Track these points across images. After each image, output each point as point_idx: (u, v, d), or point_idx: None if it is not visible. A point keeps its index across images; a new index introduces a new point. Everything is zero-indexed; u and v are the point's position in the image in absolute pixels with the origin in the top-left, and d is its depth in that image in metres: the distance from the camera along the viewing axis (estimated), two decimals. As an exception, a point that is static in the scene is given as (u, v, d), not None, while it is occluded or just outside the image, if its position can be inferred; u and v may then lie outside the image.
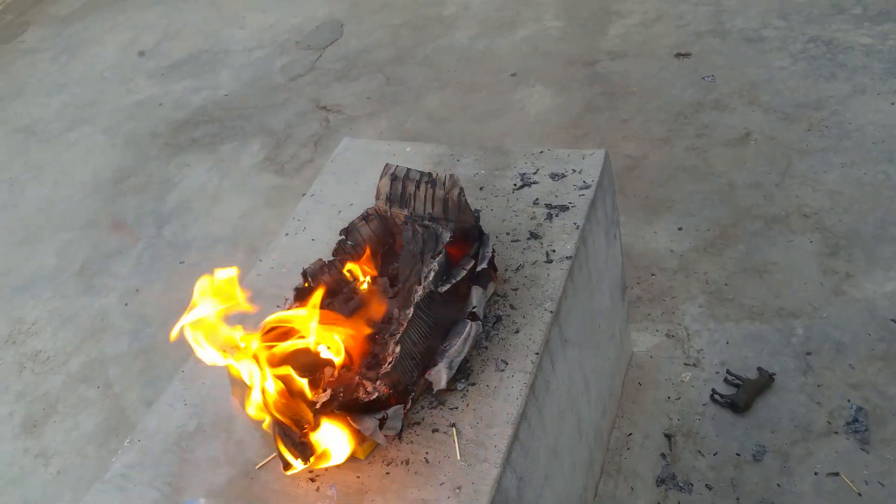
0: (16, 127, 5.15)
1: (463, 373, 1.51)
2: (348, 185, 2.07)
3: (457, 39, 4.54)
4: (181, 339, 1.47)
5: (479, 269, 1.52)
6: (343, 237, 1.70)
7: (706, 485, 2.11)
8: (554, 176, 1.85)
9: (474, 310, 1.50)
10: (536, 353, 1.50)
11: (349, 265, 1.63)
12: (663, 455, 2.20)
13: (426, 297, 1.43)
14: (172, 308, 3.30)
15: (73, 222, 4.11)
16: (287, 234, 2.02)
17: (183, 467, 1.54)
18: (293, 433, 1.42)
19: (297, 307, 1.64)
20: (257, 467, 1.50)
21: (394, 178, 1.62)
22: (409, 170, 1.61)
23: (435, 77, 4.28)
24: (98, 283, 3.66)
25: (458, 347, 1.48)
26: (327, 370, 1.53)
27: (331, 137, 4.07)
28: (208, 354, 1.42)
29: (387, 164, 1.65)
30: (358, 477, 1.42)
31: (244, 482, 1.48)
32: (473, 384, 1.49)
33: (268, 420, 1.42)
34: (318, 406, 1.35)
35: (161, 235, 3.84)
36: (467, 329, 1.49)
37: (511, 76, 4.07)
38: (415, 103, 4.13)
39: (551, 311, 1.57)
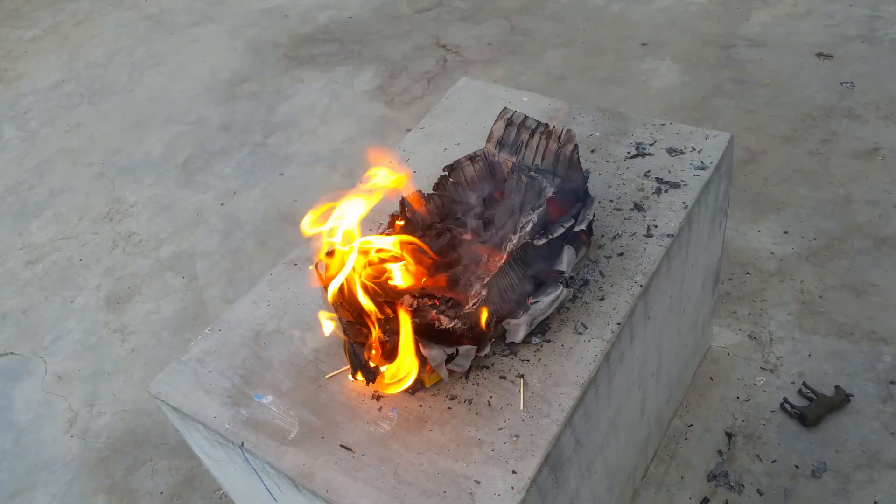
0: (145, 14, 5.33)
1: (540, 328, 1.50)
2: (459, 124, 2.06)
3: (590, -2, 4.42)
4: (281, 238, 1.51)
5: (576, 229, 1.49)
6: (446, 173, 1.70)
7: (758, 489, 2.06)
8: (671, 151, 1.79)
9: (564, 269, 1.48)
10: (618, 324, 1.47)
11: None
12: (720, 452, 2.16)
13: (520, 247, 1.42)
14: (265, 216, 3.44)
15: (184, 116, 4.25)
16: (390, 163, 2.03)
17: (256, 363, 1.60)
18: (361, 352, 1.45)
19: (389, 234, 1.66)
20: (326, 377, 1.54)
21: (509, 122, 1.60)
22: (526, 117, 1.59)
23: (561, 33, 4.18)
24: (199, 179, 3.79)
25: (543, 307, 1.47)
26: (406, 298, 1.55)
27: (445, 77, 4.05)
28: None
29: (504, 108, 1.62)
30: (420, 405, 1.44)
31: (311, 388, 1.53)
32: (549, 341, 1.48)
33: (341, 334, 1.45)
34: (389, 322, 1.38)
35: (266, 144, 3.93)
36: (558, 292, 1.47)
37: (641, 45, 3.94)
38: (535, 56, 4.05)
39: (641, 286, 1.53)
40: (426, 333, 1.43)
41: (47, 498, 2.50)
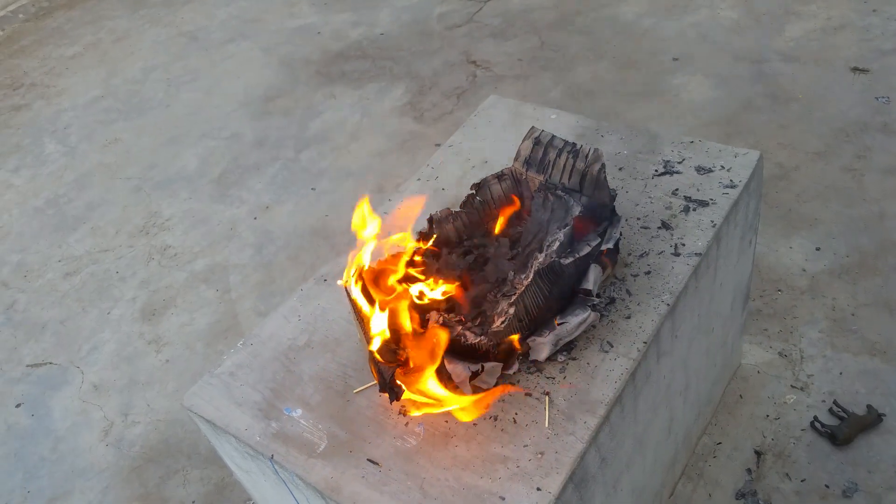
0: (181, 31, 5.46)
1: (566, 346, 1.51)
2: (487, 142, 2.08)
3: (622, 13, 4.42)
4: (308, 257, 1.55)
5: (603, 247, 1.50)
6: (474, 191, 1.72)
7: (788, 511, 2.04)
8: (700, 169, 1.79)
9: (591, 288, 1.49)
10: (644, 342, 1.48)
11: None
12: (749, 470, 2.14)
13: (547, 266, 1.43)
14: (297, 230, 3.50)
15: (219, 131, 4.34)
16: (419, 180, 2.06)
17: (286, 377, 1.63)
18: (386, 371, 1.47)
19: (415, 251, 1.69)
20: (355, 391, 1.56)
21: (537, 142, 1.62)
22: (553, 136, 1.60)
23: (591, 48, 4.20)
24: (233, 194, 3.86)
25: (570, 328, 1.47)
26: (433, 314, 1.57)
27: (474, 93, 4.08)
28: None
29: (532, 128, 1.64)
30: (446, 422, 1.46)
31: (340, 403, 1.55)
32: (574, 359, 1.49)
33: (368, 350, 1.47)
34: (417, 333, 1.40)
35: (298, 159, 3.99)
36: (586, 315, 1.47)
37: (673, 60, 3.93)
38: (565, 72, 4.07)
39: (668, 304, 1.54)
40: (452, 350, 1.45)
41: (83, 505, 2.56)
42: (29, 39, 5.84)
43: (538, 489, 1.30)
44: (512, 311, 1.42)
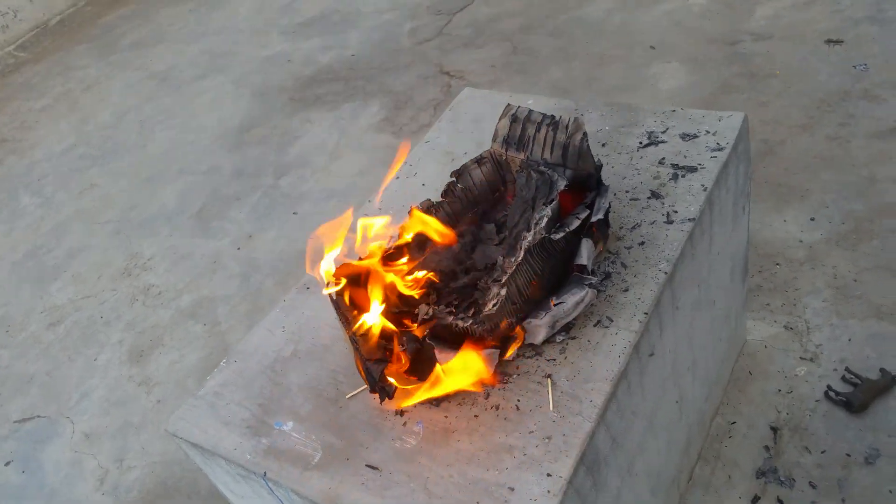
0: (152, 73, 5.41)
1: (564, 326, 1.43)
2: (465, 134, 2.02)
3: (591, 12, 4.40)
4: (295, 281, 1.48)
5: (593, 220, 1.43)
6: (454, 179, 1.66)
7: (810, 482, 1.95)
8: (685, 136, 1.73)
9: (585, 263, 1.42)
10: (645, 314, 1.40)
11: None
12: (766, 447, 2.05)
13: (537, 244, 1.36)
14: (282, 256, 3.42)
15: (196, 166, 4.28)
16: (398, 178, 2.00)
17: (274, 390, 1.55)
18: (374, 370, 1.39)
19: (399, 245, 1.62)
20: (347, 397, 1.48)
21: (514, 119, 1.56)
22: (531, 111, 1.54)
23: (563, 48, 4.17)
24: (214, 226, 3.79)
25: (567, 308, 1.39)
26: (422, 307, 1.50)
27: (450, 103, 4.03)
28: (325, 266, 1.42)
29: (508, 105, 1.58)
30: (446, 416, 1.38)
31: (332, 410, 1.47)
32: (574, 338, 1.41)
33: (354, 350, 1.40)
34: (414, 324, 1.33)
35: (278, 186, 3.93)
36: (583, 294, 1.39)
37: (650, 48, 3.89)
38: (539, 74, 4.03)
39: (666, 273, 1.47)
40: (446, 338, 1.37)
41: (80, 556, 2.44)
42: (-2, 96, 5.79)
43: (548, 475, 1.22)
44: (503, 292, 1.34)
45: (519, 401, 1.35)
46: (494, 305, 1.34)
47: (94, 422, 2.91)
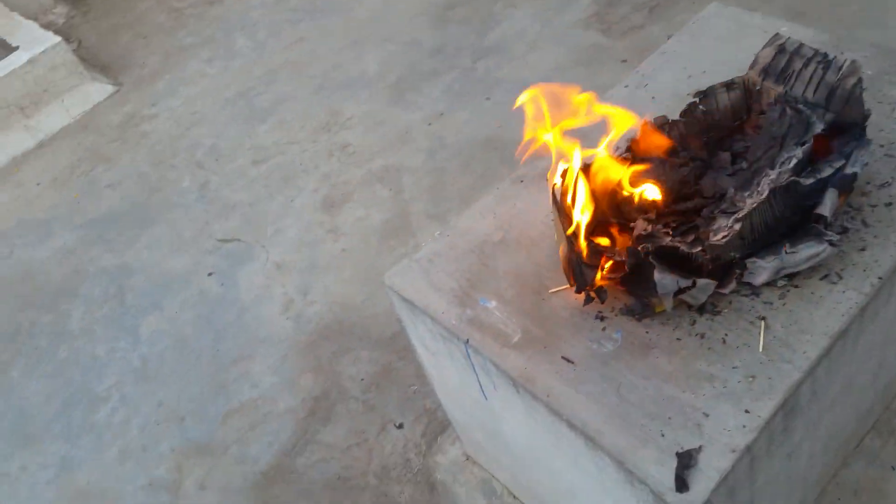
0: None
1: (788, 274, 1.41)
2: (706, 52, 1.94)
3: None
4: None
5: (848, 171, 1.37)
6: (697, 100, 1.62)
7: None
8: (960, 96, 1.60)
9: (826, 214, 1.37)
10: (879, 278, 1.36)
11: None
12: (948, 436, 1.97)
13: (784, 184, 1.33)
14: (469, 139, 3.48)
15: (398, 36, 4.35)
16: (626, 87, 1.97)
17: (481, 270, 1.64)
18: (588, 273, 1.44)
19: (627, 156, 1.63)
20: (550, 291, 1.55)
21: (780, 49, 1.49)
22: (802, 44, 1.47)
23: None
24: (409, 99, 3.90)
25: (799, 259, 1.36)
26: (640, 222, 1.52)
27: (669, 7, 3.83)
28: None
29: (777, 34, 1.51)
30: (647, 332, 1.42)
31: (534, 300, 1.54)
32: (796, 287, 1.39)
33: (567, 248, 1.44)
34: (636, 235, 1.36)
35: (474, 69, 3.95)
36: (821, 248, 1.35)
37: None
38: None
39: (910, 240, 1.40)
40: (665, 259, 1.39)
41: (263, 368, 2.76)
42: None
43: (746, 411, 1.25)
44: (738, 227, 1.33)
45: (727, 335, 1.36)
46: (724, 238, 1.34)
47: (286, 255, 3.19)
